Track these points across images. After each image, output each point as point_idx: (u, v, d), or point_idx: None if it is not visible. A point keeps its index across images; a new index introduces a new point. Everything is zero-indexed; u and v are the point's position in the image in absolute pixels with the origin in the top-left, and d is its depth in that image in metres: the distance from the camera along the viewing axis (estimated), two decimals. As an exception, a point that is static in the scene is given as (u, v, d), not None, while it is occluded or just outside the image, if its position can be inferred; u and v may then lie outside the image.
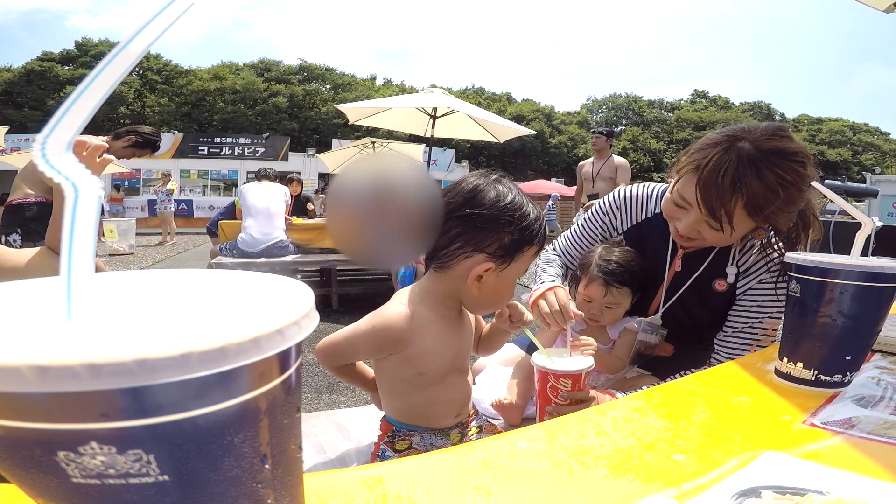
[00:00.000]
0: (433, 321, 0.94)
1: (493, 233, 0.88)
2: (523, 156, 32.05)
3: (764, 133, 1.10)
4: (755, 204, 1.07)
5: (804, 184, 1.07)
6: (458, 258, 0.89)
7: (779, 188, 1.05)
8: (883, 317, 0.83)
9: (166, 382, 0.19)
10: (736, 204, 1.08)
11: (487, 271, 0.88)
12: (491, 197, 0.88)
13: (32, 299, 0.26)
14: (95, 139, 1.14)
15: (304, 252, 5.12)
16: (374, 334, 0.92)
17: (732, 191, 1.06)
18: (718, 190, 1.07)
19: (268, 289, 0.28)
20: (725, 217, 1.09)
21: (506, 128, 6.52)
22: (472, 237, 0.88)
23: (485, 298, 0.93)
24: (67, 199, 0.22)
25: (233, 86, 29.68)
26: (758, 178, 1.05)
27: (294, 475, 0.28)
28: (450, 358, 0.97)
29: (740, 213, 1.09)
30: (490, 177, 0.92)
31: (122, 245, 9.92)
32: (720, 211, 1.09)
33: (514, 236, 0.88)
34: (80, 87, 0.22)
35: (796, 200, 1.09)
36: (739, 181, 1.06)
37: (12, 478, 0.21)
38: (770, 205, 1.07)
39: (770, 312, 1.22)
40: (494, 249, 0.88)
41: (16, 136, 15.60)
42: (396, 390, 0.98)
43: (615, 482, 0.55)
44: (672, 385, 0.90)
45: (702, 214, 1.12)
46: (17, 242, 2.80)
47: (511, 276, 0.92)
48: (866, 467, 0.58)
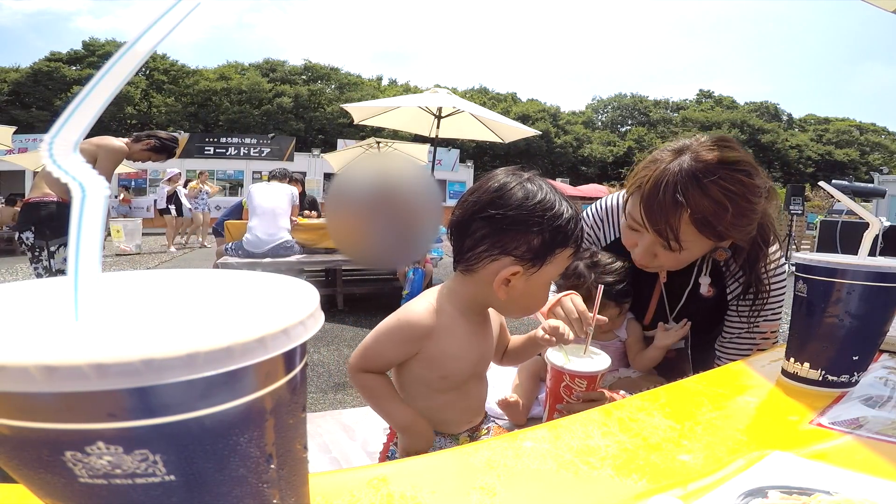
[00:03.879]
0: (459, 322, 0.91)
1: (520, 235, 0.83)
2: (528, 156, 31.98)
3: (703, 145, 1.06)
4: (702, 219, 1.02)
5: (753, 194, 1.03)
6: (483, 261, 0.86)
7: (726, 201, 1.01)
8: (890, 317, 0.83)
9: (173, 382, 0.19)
10: (681, 219, 1.03)
11: (515, 275, 0.84)
12: (519, 197, 0.83)
13: (40, 299, 0.26)
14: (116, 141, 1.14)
15: (310, 252, 5.12)
16: (400, 328, 0.89)
17: (675, 206, 1.02)
18: (661, 206, 1.04)
19: (273, 289, 0.28)
20: (671, 234, 1.04)
21: (511, 128, 6.51)
22: (498, 239, 0.84)
23: (515, 303, 0.89)
24: (74, 199, 0.22)
25: (238, 86, 29.74)
26: (700, 191, 1.01)
27: (299, 475, 0.28)
28: (473, 362, 0.94)
29: (689, 230, 1.04)
30: (521, 175, 0.87)
31: (128, 245, 9.96)
32: (665, 228, 1.04)
33: (545, 238, 0.83)
34: (87, 88, 0.22)
35: (747, 213, 1.04)
36: (682, 195, 1.01)
37: (20, 478, 0.21)
38: (720, 220, 1.02)
39: (765, 316, 1.21)
40: (522, 252, 0.84)
41: (23, 136, 15.65)
42: (415, 392, 0.95)
43: (621, 482, 0.55)
44: (678, 385, 0.90)
45: (653, 236, 1.08)
46: (30, 240, 2.84)
47: (543, 280, 0.87)
48: (874, 467, 0.58)
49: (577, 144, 35.17)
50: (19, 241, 2.92)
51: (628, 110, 41.54)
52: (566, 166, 33.83)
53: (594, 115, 41.95)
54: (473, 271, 0.88)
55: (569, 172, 32.69)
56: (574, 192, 21.11)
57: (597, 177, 32.68)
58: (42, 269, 2.87)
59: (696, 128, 35.69)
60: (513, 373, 1.38)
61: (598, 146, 35.84)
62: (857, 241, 0.85)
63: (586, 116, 41.10)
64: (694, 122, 36.84)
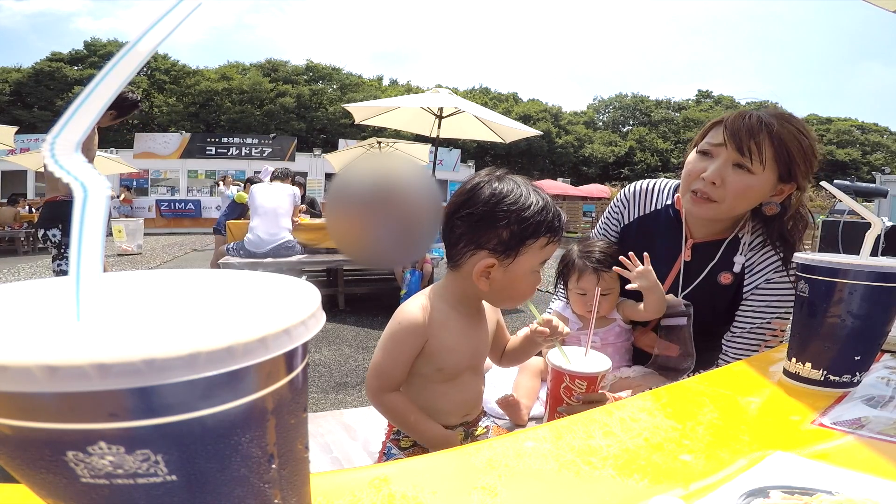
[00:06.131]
0: (452, 317, 0.95)
1: (490, 229, 0.89)
2: (530, 156, 31.98)
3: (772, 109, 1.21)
4: (781, 141, 1.13)
5: (815, 143, 1.17)
6: (464, 256, 0.92)
7: (800, 135, 1.14)
8: (892, 317, 0.83)
9: (174, 382, 0.19)
10: (764, 138, 1.13)
11: (491, 267, 0.90)
12: (486, 194, 0.90)
13: (42, 299, 0.26)
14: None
15: (311, 252, 5.13)
16: (401, 328, 0.93)
17: (760, 127, 1.14)
18: (747, 125, 1.14)
19: (274, 289, 0.28)
20: (755, 149, 1.13)
21: (512, 128, 6.49)
22: (473, 235, 0.90)
23: (499, 293, 0.94)
24: (76, 198, 0.22)
25: (240, 86, 29.72)
26: (780, 124, 1.14)
27: (301, 475, 0.28)
28: (469, 355, 0.98)
29: (769, 151, 1.14)
30: (492, 174, 0.93)
31: (130, 245, 9.98)
32: (749, 143, 1.13)
33: (513, 230, 0.88)
34: (88, 88, 0.22)
35: (810, 157, 1.17)
36: (764, 121, 1.14)
37: (21, 477, 0.21)
38: (794, 149, 1.14)
39: (778, 313, 1.22)
40: (494, 245, 0.89)
41: (25, 136, 15.68)
42: (410, 384, 0.98)
43: (622, 482, 0.55)
44: (679, 385, 0.89)
45: (730, 153, 1.16)
46: (57, 237, 2.88)
47: (520, 270, 0.91)
48: (876, 467, 0.58)
49: (578, 144, 35.12)
50: (43, 238, 2.95)
51: (629, 110, 41.48)
52: (567, 166, 33.81)
53: (595, 115, 41.89)
54: (459, 266, 0.94)
55: (570, 172, 32.68)
56: (575, 192, 21.13)
57: (598, 177, 32.69)
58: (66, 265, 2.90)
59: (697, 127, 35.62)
60: (514, 373, 1.38)
61: (599, 146, 35.79)
62: (859, 241, 0.85)
63: (588, 116, 41.05)
64: (695, 122, 36.79)
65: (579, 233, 15.17)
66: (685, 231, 1.34)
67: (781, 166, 1.15)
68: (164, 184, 18.55)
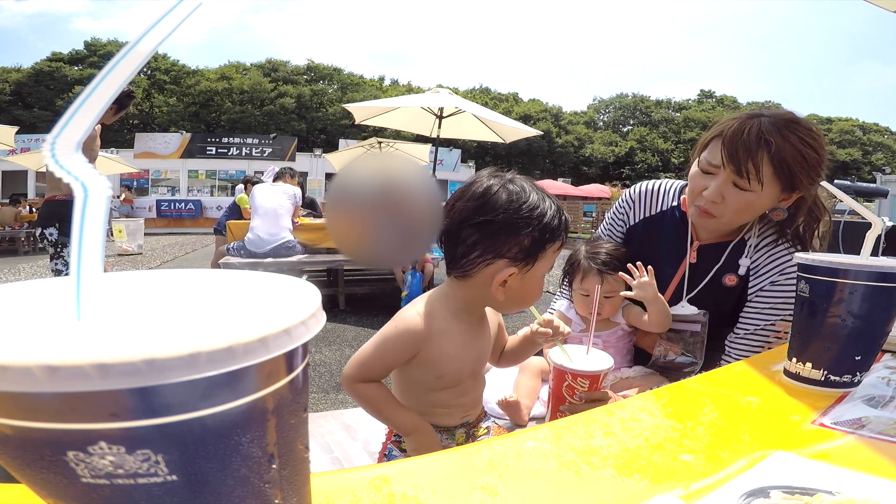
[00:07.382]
0: (453, 325, 0.92)
1: (511, 237, 0.85)
2: (530, 156, 31.99)
3: (778, 112, 1.17)
4: (781, 158, 1.11)
5: (823, 150, 1.14)
6: (478, 266, 0.87)
7: (803, 147, 1.11)
8: (893, 317, 0.82)
9: (175, 382, 0.19)
10: (763, 158, 1.11)
11: (511, 276, 0.86)
12: (504, 200, 0.85)
13: (42, 299, 0.26)
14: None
15: (311, 252, 5.13)
16: (397, 334, 0.90)
17: (758, 144, 1.11)
18: (745, 145, 1.12)
19: (275, 289, 0.28)
20: (753, 170, 1.11)
21: (512, 128, 6.50)
22: (490, 244, 0.86)
23: (512, 301, 0.91)
24: (77, 199, 0.22)
25: (240, 86, 29.74)
26: (781, 136, 1.11)
27: (301, 475, 0.28)
28: (470, 362, 0.96)
29: (767, 170, 1.12)
30: (502, 177, 0.89)
31: (130, 245, 9.99)
32: (747, 164, 1.12)
33: (535, 237, 0.85)
34: (88, 88, 0.22)
35: (817, 166, 1.14)
36: (764, 137, 1.11)
37: (22, 477, 0.21)
38: (796, 163, 1.11)
39: (783, 315, 1.22)
40: (515, 253, 0.85)
41: (26, 137, 15.70)
42: (410, 390, 0.97)
43: (622, 482, 0.55)
44: (680, 385, 0.89)
45: (728, 173, 1.15)
46: (54, 236, 2.89)
47: (537, 276, 0.89)
48: (876, 467, 0.58)
49: (578, 144, 35.15)
50: (41, 237, 2.97)
51: (630, 110, 41.48)
52: (568, 166, 33.83)
53: (596, 115, 41.91)
54: (469, 276, 0.89)
55: (570, 172, 32.69)
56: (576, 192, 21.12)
57: (598, 177, 32.71)
58: (62, 264, 2.92)
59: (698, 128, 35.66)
60: (514, 373, 1.38)
61: (599, 146, 35.83)
62: (860, 241, 0.85)
63: (588, 116, 41.07)
64: (696, 123, 36.78)
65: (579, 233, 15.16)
66: (691, 233, 1.34)
67: (783, 181, 1.14)
68: (165, 184, 18.59)
